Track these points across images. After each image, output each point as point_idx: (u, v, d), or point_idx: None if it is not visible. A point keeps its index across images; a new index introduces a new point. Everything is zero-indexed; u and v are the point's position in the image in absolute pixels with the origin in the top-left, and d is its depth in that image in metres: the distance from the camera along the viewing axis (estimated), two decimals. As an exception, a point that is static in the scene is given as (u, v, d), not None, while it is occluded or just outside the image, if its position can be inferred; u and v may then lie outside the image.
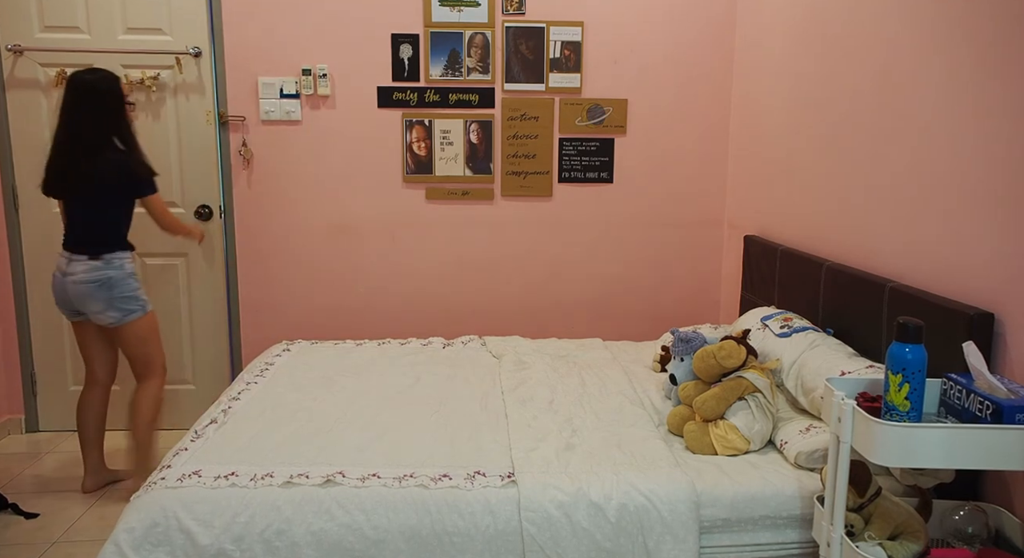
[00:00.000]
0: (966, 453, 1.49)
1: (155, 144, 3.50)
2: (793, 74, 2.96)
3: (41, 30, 3.39)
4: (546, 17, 3.50)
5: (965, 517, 1.73)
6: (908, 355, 1.51)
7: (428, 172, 3.59)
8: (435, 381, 2.73)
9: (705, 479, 1.97)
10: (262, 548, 1.83)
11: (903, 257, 2.21)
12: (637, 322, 3.74)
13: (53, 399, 3.65)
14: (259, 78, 3.47)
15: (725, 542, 1.94)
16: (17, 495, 2.91)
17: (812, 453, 2.00)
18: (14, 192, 3.48)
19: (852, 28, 2.51)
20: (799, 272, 2.76)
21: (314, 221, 3.60)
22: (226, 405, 2.45)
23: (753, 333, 2.54)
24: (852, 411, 1.59)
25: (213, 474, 1.95)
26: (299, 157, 3.55)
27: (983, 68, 1.88)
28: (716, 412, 2.17)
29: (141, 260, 3.58)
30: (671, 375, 2.42)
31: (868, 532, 1.68)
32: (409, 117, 3.55)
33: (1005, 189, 1.81)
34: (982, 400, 1.53)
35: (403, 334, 3.57)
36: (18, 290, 3.55)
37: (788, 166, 3.01)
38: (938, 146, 2.05)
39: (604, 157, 3.62)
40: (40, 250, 3.53)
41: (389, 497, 1.88)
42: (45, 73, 3.41)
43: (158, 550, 1.82)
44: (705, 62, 3.59)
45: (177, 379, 3.67)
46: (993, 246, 1.85)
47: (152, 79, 3.42)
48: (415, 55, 3.50)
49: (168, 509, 1.85)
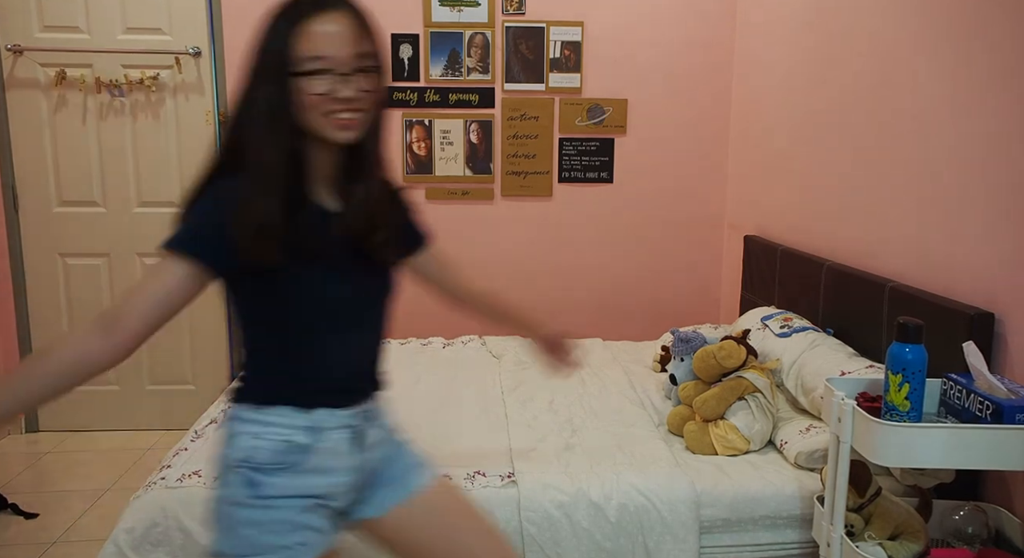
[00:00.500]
0: (966, 453, 1.49)
1: (155, 144, 3.50)
2: (793, 74, 2.96)
3: (41, 30, 3.39)
4: (546, 17, 3.50)
5: (965, 517, 1.73)
6: (908, 355, 1.50)
7: (428, 172, 3.59)
8: (435, 381, 2.73)
9: (705, 479, 1.97)
10: (262, 548, 1.83)
11: (903, 257, 2.21)
12: (637, 322, 3.74)
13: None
14: (259, 78, 3.46)
15: (725, 542, 1.94)
16: (17, 495, 2.90)
17: (812, 453, 2.00)
18: (14, 192, 3.48)
19: (852, 28, 2.50)
20: (799, 272, 2.76)
21: (314, 221, 3.59)
22: (226, 405, 2.45)
23: (753, 333, 2.54)
24: (852, 411, 1.59)
25: (213, 474, 1.94)
26: (299, 157, 3.54)
27: (984, 68, 1.88)
28: (716, 412, 2.16)
29: (141, 260, 3.58)
30: (671, 375, 2.42)
31: (868, 532, 1.68)
32: (409, 117, 3.54)
33: (1005, 189, 1.81)
34: (982, 400, 1.53)
35: (403, 334, 3.57)
36: (18, 290, 3.54)
37: (788, 166, 3.01)
38: (938, 146, 2.05)
39: (604, 157, 3.62)
40: (40, 250, 3.54)
41: (389, 497, 1.88)
42: (45, 73, 3.41)
43: (158, 550, 1.82)
44: (705, 62, 3.59)
45: (177, 379, 3.67)
46: (993, 246, 1.85)
47: (152, 79, 3.42)
48: (415, 55, 3.50)
49: (168, 509, 1.84)
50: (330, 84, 1.14)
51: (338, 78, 1.14)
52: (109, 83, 3.42)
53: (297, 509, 1.22)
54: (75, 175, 3.49)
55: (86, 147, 3.48)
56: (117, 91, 3.44)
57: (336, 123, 1.16)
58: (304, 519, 1.22)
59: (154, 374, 3.66)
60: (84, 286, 3.57)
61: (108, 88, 3.43)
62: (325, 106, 1.14)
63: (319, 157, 1.22)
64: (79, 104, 3.44)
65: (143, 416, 3.66)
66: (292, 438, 1.22)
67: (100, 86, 3.41)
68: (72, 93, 3.43)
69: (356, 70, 1.15)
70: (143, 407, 3.66)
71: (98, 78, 3.40)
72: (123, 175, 3.51)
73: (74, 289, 3.57)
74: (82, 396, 3.64)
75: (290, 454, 1.22)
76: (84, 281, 3.57)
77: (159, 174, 3.53)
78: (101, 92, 3.43)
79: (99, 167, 3.50)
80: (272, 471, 1.21)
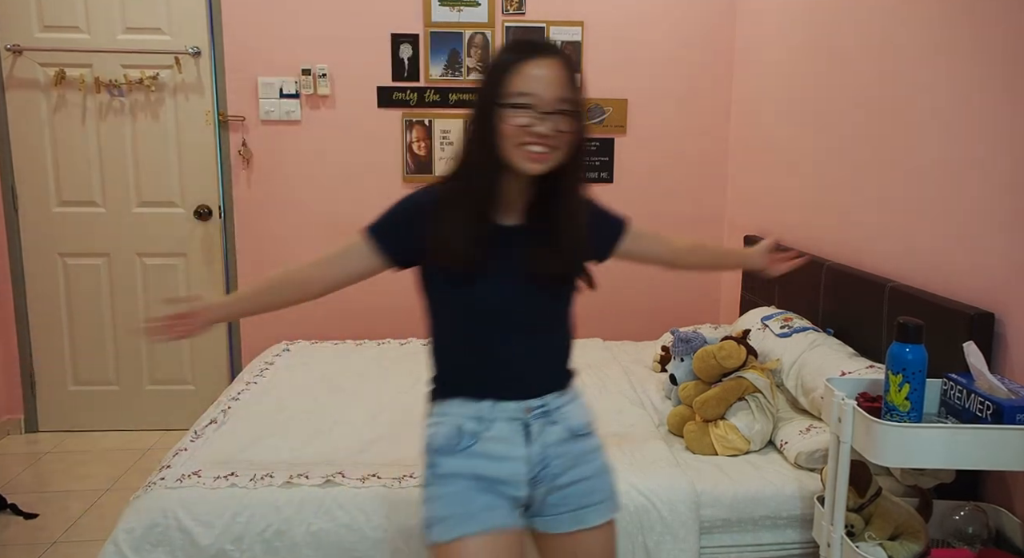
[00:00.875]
0: (966, 453, 1.49)
1: (154, 144, 3.50)
2: (793, 74, 2.96)
3: (40, 30, 3.39)
4: (546, 17, 3.50)
5: (965, 517, 1.73)
6: (908, 355, 1.50)
7: (428, 172, 3.59)
8: (435, 381, 2.73)
9: (705, 479, 1.97)
10: (262, 548, 1.83)
11: (903, 257, 2.21)
12: (637, 322, 3.74)
13: (53, 399, 3.65)
14: (259, 78, 3.47)
15: (725, 542, 1.94)
16: (17, 495, 2.90)
17: (812, 453, 2.00)
18: (13, 192, 3.48)
19: (852, 27, 2.50)
20: (799, 272, 2.75)
21: (314, 221, 3.60)
22: (226, 405, 2.45)
23: (753, 333, 2.54)
24: (852, 411, 1.59)
25: (213, 474, 1.95)
26: (299, 157, 3.55)
27: (985, 66, 1.88)
28: (716, 412, 2.16)
29: (140, 260, 3.58)
30: (671, 375, 2.42)
31: (868, 532, 1.68)
32: (409, 117, 3.54)
33: (1006, 189, 1.81)
34: (982, 400, 1.53)
35: (403, 334, 3.56)
36: (18, 290, 3.55)
37: (788, 166, 3.01)
38: (938, 145, 2.05)
39: (604, 157, 3.62)
40: (40, 250, 3.53)
41: (389, 497, 1.88)
42: (45, 73, 3.41)
43: (158, 550, 1.82)
44: (705, 62, 3.59)
45: (177, 379, 3.67)
46: (993, 246, 1.85)
47: (151, 79, 3.42)
48: (415, 55, 3.50)
49: (168, 509, 1.84)
50: (530, 119, 1.28)
51: (538, 115, 1.28)
52: (109, 83, 3.42)
53: (467, 487, 1.38)
54: (75, 175, 3.49)
55: (86, 147, 3.48)
56: (117, 91, 3.44)
57: (527, 154, 1.30)
58: (472, 496, 1.38)
59: (154, 374, 3.66)
60: (84, 286, 3.57)
61: (108, 88, 3.43)
62: (520, 137, 1.29)
63: (513, 183, 1.37)
64: (79, 104, 3.44)
65: (143, 416, 3.66)
66: (462, 425, 1.40)
67: (100, 86, 3.41)
68: (72, 93, 3.43)
69: (556, 111, 1.29)
70: (143, 407, 3.66)
71: (98, 78, 3.40)
72: (123, 175, 3.51)
73: (74, 289, 3.57)
74: (82, 396, 3.64)
75: (460, 439, 1.40)
76: (84, 281, 3.57)
77: (159, 174, 3.52)
78: (101, 92, 3.43)
79: (99, 167, 3.50)
80: (445, 453, 1.41)
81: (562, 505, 1.44)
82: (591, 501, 1.46)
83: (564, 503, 1.44)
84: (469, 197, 1.35)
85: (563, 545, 1.45)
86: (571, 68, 1.33)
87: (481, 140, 1.33)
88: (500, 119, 1.30)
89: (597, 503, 1.46)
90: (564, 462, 1.44)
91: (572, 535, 1.44)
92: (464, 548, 1.35)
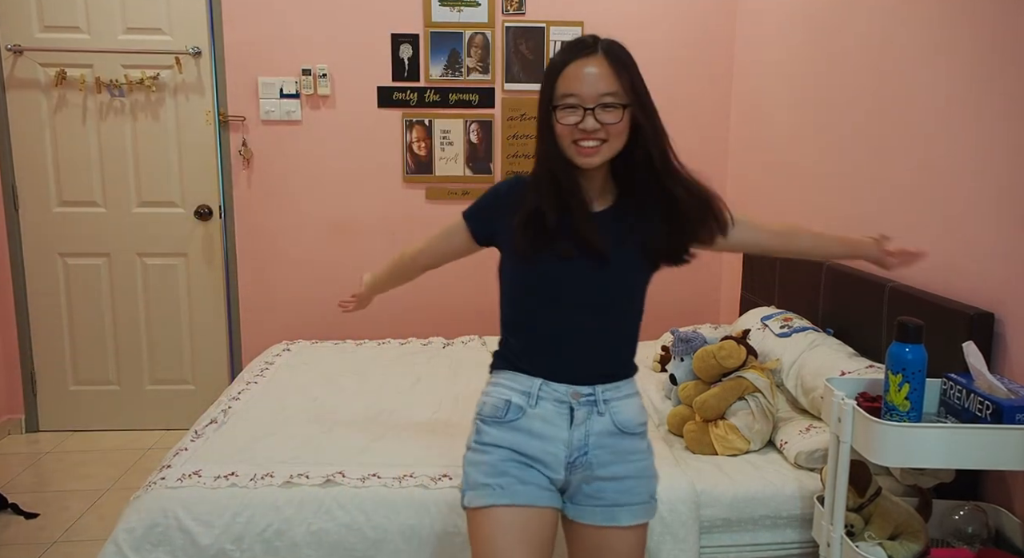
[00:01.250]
0: (966, 453, 1.49)
1: (155, 144, 3.50)
2: (793, 74, 2.96)
3: (41, 30, 3.39)
4: (546, 17, 3.50)
5: (965, 517, 1.73)
6: (908, 355, 1.50)
7: (428, 172, 3.59)
8: (435, 381, 2.73)
9: (705, 479, 1.97)
10: (262, 548, 1.83)
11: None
12: (637, 322, 3.73)
13: (53, 399, 3.65)
14: (259, 78, 3.47)
15: (725, 542, 1.94)
16: (17, 495, 2.91)
17: (812, 453, 2.00)
18: (14, 192, 3.48)
19: (852, 27, 2.50)
20: (799, 272, 2.76)
21: (314, 221, 3.60)
22: (226, 405, 2.45)
23: (753, 333, 2.54)
24: (852, 411, 1.59)
25: (213, 474, 1.95)
26: (299, 157, 3.55)
27: (983, 66, 1.88)
28: (716, 412, 2.16)
29: (141, 260, 3.58)
30: (671, 375, 2.42)
31: (868, 532, 1.68)
32: (409, 117, 3.54)
33: (1006, 189, 1.81)
34: (982, 400, 1.53)
35: (403, 334, 3.56)
36: (18, 290, 3.55)
37: (788, 166, 3.01)
38: (938, 145, 2.05)
39: (604, 157, 3.61)
40: (40, 250, 3.54)
41: (389, 497, 1.88)
42: (45, 73, 3.41)
43: (158, 550, 1.82)
44: (705, 62, 3.59)
45: (177, 379, 3.67)
46: (993, 246, 1.85)
47: (152, 79, 3.42)
48: (415, 55, 3.50)
49: (168, 509, 1.84)
50: (577, 117, 1.35)
51: (584, 112, 1.35)
52: (109, 83, 3.42)
53: (505, 458, 1.43)
54: (75, 175, 3.49)
55: (86, 147, 3.48)
56: (117, 91, 3.44)
57: (578, 150, 1.38)
58: (508, 468, 1.42)
59: (154, 374, 3.66)
60: (84, 286, 3.58)
61: (108, 88, 3.43)
62: (572, 135, 1.37)
63: (593, 171, 1.43)
64: (79, 104, 3.45)
65: (143, 416, 3.66)
66: (511, 398, 1.46)
67: (100, 86, 3.41)
68: (72, 93, 3.43)
69: (600, 106, 1.35)
70: (143, 407, 3.67)
71: (98, 78, 3.40)
72: (123, 175, 3.51)
73: (74, 289, 3.57)
74: (82, 396, 3.65)
75: (506, 410, 1.45)
76: (84, 281, 3.57)
77: (159, 174, 3.53)
78: (101, 92, 3.43)
79: (99, 167, 3.50)
80: (491, 422, 1.46)
81: (597, 498, 1.45)
82: (627, 501, 1.45)
83: (599, 496, 1.45)
84: (544, 188, 1.42)
85: (591, 537, 1.46)
86: (617, 60, 1.38)
87: (543, 140, 1.42)
88: (555, 120, 1.38)
89: (632, 504, 1.46)
90: (605, 455, 1.45)
91: (601, 530, 1.45)
92: (493, 517, 1.39)
